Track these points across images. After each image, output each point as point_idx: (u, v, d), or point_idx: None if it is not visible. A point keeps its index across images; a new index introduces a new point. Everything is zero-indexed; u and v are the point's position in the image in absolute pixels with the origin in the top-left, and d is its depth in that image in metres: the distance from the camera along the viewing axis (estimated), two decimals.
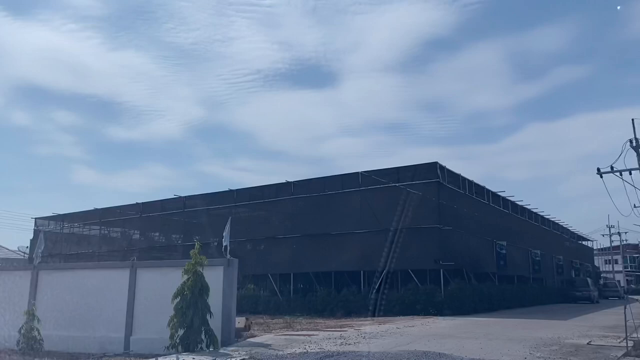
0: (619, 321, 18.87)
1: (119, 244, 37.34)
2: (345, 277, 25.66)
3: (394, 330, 14.00)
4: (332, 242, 25.51)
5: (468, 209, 26.45)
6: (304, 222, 26.76)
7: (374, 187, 24.81)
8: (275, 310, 25.28)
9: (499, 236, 29.04)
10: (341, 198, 26.17)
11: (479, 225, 27.20)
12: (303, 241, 26.42)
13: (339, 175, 26.47)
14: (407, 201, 24.26)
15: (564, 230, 45.72)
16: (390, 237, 23.88)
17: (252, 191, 29.55)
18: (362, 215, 25.16)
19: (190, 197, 32.28)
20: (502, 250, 28.63)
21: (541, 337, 11.83)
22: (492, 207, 29.75)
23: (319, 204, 26.47)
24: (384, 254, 24.02)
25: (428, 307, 21.87)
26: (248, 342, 11.68)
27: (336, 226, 25.61)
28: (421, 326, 15.77)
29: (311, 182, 27.24)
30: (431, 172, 23.40)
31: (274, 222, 28.53)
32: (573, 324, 16.76)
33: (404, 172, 24.38)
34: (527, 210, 35.74)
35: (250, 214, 30.07)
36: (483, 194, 28.68)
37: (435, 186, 23.21)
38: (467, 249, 25.47)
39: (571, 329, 14.29)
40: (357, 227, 24.94)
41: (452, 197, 24.62)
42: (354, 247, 24.82)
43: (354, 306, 23.47)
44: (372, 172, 25.08)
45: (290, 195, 27.55)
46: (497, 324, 16.33)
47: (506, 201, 31.93)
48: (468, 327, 14.92)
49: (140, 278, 13.11)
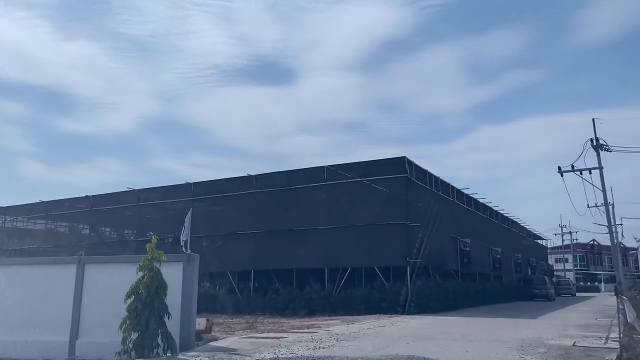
0: (588, 319, 18.80)
1: (67, 239, 35.12)
2: (308, 274, 24.73)
3: (366, 331, 13.16)
4: (295, 238, 24.53)
5: (434, 205, 25.99)
6: (265, 218, 25.65)
7: (340, 181, 23.97)
8: (234, 310, 24.11)
9: (462, 233, 28.78)
10: (306, 193, 25.22)
11: (444, 222, 26.80)
12: (264, 237, 25.31)
13: (303, 169, 25.50)
14: (374, 196, 23.59)
15: (521, 229, 46.32)
16: (356, 233, 23.15)
17: (211, 185, 28.17)
18: (327, 210, 24.30)
19: (144, 190, 30.57)
20: (465, 248, 28.38)
21: (522, 338, 11.24)
22: (456, 204, 29.48)
23: (282, 199, 25.43)
24: (349, 250, 23.27)
25: (394, 306, 21.22)
26: (210, 346, 10.57)
27: (300, 222, 24.64)
28: (392, 326, 15.02)
29: (274, 176, 26.16)
30: (399, 167, 22.75)
31: (234, 217, 27.28)
32: (545, 322, 16.41)
33: (371, 166, 23.65)
34: (488, 208, 35.79)
35: (208, 209, 28.67)
36: (448, 191, 28.33)
37: (403, 181, 22.58)
38: (433, 246, 24.98)
39: (547, 329, 13.84)
40: (321, 223, 24.06)
41: (419, 193, 24.09)
42: (318, 243, 23.92)
43: (318, 305, 22.59)
44: (338, 167, 24.24)
45: (252, 189, 26.37)
46: (470, 324, 15.78)
47: (469, 198, 31.77)
48: (442, 327, 14.28)
49: (88, 275, 11.75)
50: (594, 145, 31.78)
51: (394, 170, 22.88)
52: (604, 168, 31.60)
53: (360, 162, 24.23)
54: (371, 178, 23.39)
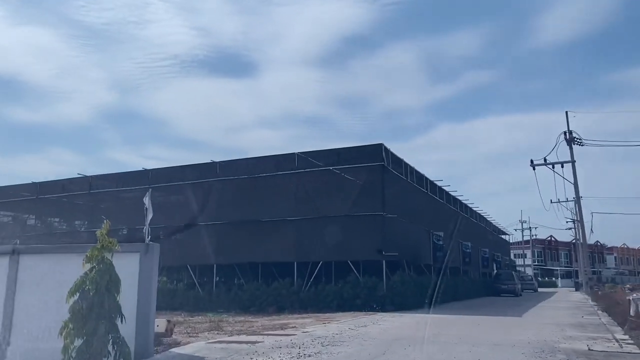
0: (573, 317, 17.95)
1: (11, 229, 32.21)
2: (276, 269, 23.12)
3: (349, 333, 11.70)
4: (262, 230, 22.85)
5: (409, 196, 24.81)
6: (230, 208, 23.85)
7: (312, 169, 22.42)
8: (194, 306, 22.32)
9: (435, 227, 27.76)
10: (274, 181, 23.55)
11: (418, 214, 25.69)
12: (228, 229, 23.52)
13: (272, 156, 23.77)
14: (348, 186, 22.19)
15: (487, 224, 46.00)
16: (328, 225, 21.68)
17: (171, 172, 26.11)
18: (297, 200, 22.71)
19: (97, 177, 28.22)
20: (438, 242, 27.38)
21: (527, 341, 10.03)
22: (430, 196, 28.42)
23: (247, 188, 23.67)
24: (320, 243, 21.80)
25: (369, 302, 19.89)
26: (172, 353, 8.85)
27: (267, 212, 22.96)
28: (374, 326, 13.62)
29: (239, 163, 24.34)
30: (375, 154, 21.38)
31: (196, 207, 25.30)
32: (534, 321, 15.37)
33: (344, 154, 22.20)
34: (458, 201, 35.00)
35: (168, 198, 26.63)
36: (422, 182, 27.21)
37: (379, 170, 21.22)
38: (408, 240, 23.82)
39: (543, 329, 12.75)
40: (291, 214, 22.46)
41: (395, 183, 22.80)
42: (287, 235, 22.33)
43: (287, 301, 21.03)
44: (308, 154, 22.66)
45: (215, 177, 24.49)
46: (458, 323, 14.55)
47: (441, 190, 30.81)
48: (430, 328, 12.97)
49: (24, 268, 9.75)
50: (566, 139, 31.42)
51: (369, 158, 21.49)
52: (576, 162, 31.31)
53: (332, 150, 22.75)
54: (345, 166, 21.95)
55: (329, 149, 22.87)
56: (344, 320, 15.34)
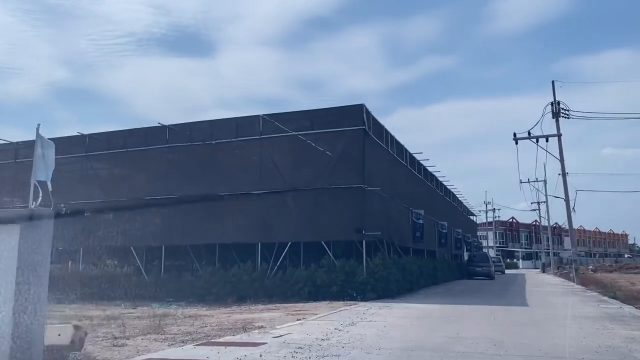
0: (586, 305, 15.45)
1: None
2: (237, 251, 19.79)
3: (337, 336, 8.58)
4: (220, 206, 19.44)
5: (390, 169, 21.84)
6: (182, 180, 20.29)
7: (279, 135, 19.05)
8: (139, 295, 18.75)
9: (414, 204, 24.97)
10: (234, 149, 20.09)
11: (399, 189, 22.78)
12: (180, 204, 19.94)
13: (231, 118, 20.23)
14: (323, 154, 18.97)
15: (459, 203, 43.87)
16: (298, 199, 18.48)
17: (111, 137, 22.19)
18: (262, 171, 19.33)
19: (24, 144, 23.92)
20: (418, 220, 24.61)
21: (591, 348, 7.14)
22: (409, 170, 25.55)
23: (203, 156, 20.12)
24: (289, 221, 18.60)
25: (346, 289, 16.87)
26: None
27: (226, 185, 19.51)
28: (364, 323, 10.56)
29: (193, 127, 20.69)
30: (355, 117, 18.19)
31: (141, 179, 21.64)
32: (553, 313, 12.69)
33: (318, 116, 18.92)
34: (435, 178, 32.39)
35: (108, 168, 22.76)
36: (402, 154, 24.28)
37: (359, 135, 18.04)
38: (389, 218, 20.88)
39: (581, 325, 10.03)
40: (254, 187, 19.09)
41: (376, 152, 19.72)
42: (250, 212, 19.00)
43: (249, 289, 17.78)
44: (276, 116, 19.26)
45: (164, 143, 20.79)
46: (467, 317, 11.67)
47: (420, 165, 28.02)
48: (440, 326, 10.04)
49: None
50: (553, 111, 29.10)
51: (347, 121, 18.30)
52: (562, 135, 29.08)
53: (304, 112, 19.48)
54: (319, 131, 18.69)
55: (299, 111, 19.64)
56: (323, 315, 12.23)
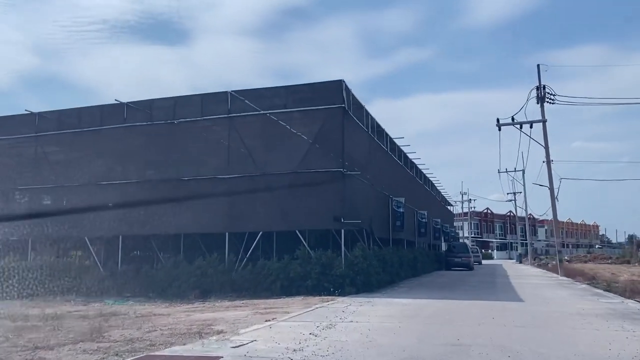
0: (583, 300, 14.25)
1: None
2: (202, 241, 18.04)
3: (312, 345, 7.00)
4: (184, 192, 17.61)
5: (370, 153, 20.29)
6: (142, 163, 18.42)
7: (250, 113, 17.29)
8: (94, 290, 16.91)
9: (394, 192, 23.51)
10: (200, 129, 18.29)
11: (379, 175, 21.27)
12: (139, 190, 18.08)
13: (197, 95, 18.32)
14: (298, 135, 17.32)
15: (438, 193, 42.74)
16: (270, 185, 16.82)
17: (64, 117, 20.07)
18: (230, 154, 17.59)
19: None
20: (399, 209, 23.18)
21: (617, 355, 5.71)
22: (390, 155, 24.06)
23: (165, 137, 18.23)
24: (260, 208, 16.93)
25: (323, 283, 15.30)
26: None
27: (191, 169, 17.77)
28: (345, 325, 9.00)
29: (155, 104, 18.74)
30: (333, 94, 16.52)
31: (97, 162, 19.61)
32: (553, 310, 11.32)
33: (293, 93, 17.19)
34: (415, 166, 31.01)
35: (60, 150, 20.63)
36: (382, 138, 22.76)
37: (338, 115, 16.38)
38: (368, 205, 19.36)
39: (596, 326, 8.65)
40: (222, 171, 17.36)
41: (356, 134, 18.12)
42: (218, 199, 17.26)
43: (215, 283, 16.08)
44: (246, 93, 17.48)
45: (122, 123, 18.81)
46: (461, 316, 10.17)
47: (401, 151, 26.58)
48: (435, 328, 8.55)
49: None
50: (538, 96, 27.95)
51: (325, 99, 16.64)
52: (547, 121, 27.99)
53: (277, 88, 17.67)
54: (294, 109, 16.99)
55: (272, 87, 17.87)
56: (296, 314, 10.63)
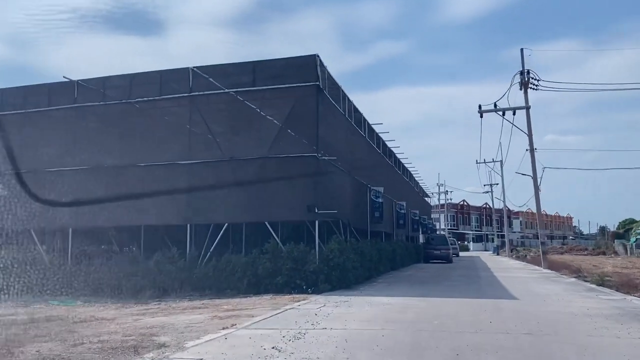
0: (581, 296, 13.06)
1: None
2: (167, 235, 16.33)
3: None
4: (141, 179, 15.88)
5: (346, 138, 18.78)
6: (94, 148, 16.52)
7: (215, 92, 15.60)
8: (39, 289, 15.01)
9: (372, 181, 22.08)
10: (159, 110, 16.48)
11: (356, 163, 19.80)
12: (91, 178, 16.24)
13: (155, 71, 16.48)
14: (268, 116, 15.72)
15: (416, 184, 41.55)
16: (237, 171, 15.19)
17: (7, 95, 18.01)
18: (192, 137, 15.89)
19: None
20: (377, 199, 21.76)
21: None
22: (368, 142, 22.58)
23: (121, 119, 16.45)
24: (225, 198, 15.30)
25: (295, 280, 13.78)
26: None
27: (149, 154, 15.97)
28: (314, 331, 7.51)
29: (109, 82, 16.84)
30: (307, 71, 14.92)
31: (44, 147, 17.63)
32: (555, 311, 9.99)
33: (262, 70, 15.50)
34: (393, 154, 29.64)
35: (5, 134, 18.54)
36: (361, 124, 21.26)
37: (312, 93, 14.79)
38: (345, 195, 17.88)
39: (619, 332, 7.30)
40: (184, 156, 15.64)
41: (331, 116, 16.57)
42: (178, 186, 15.54)
43: (175, 280, 14.40)
44: (210, 69, 15.75)
45: (72, 103, 16.90)
46: (457, 320, 8.71)
47: (379, 139, 25.14)
48: (419, 333, 7.15)
49: None
50: (521, 82, 26.81)
51: (298, 76, 15.03)
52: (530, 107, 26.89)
53: (245, 64, 15.94)
54: (263, 87, 15.33)
55: (239, 63, 16.11)
56: (261, 318, 9.07)
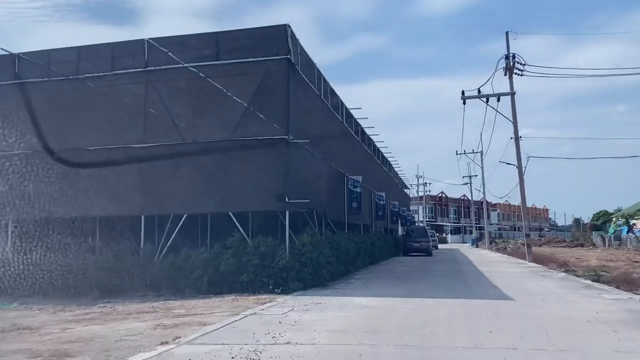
0: (579, 294, 11.77)
1: None
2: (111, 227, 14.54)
3: None
4: (89, 165, 14.07)
5: (321, 122, 17.19)
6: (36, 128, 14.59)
7: (173, 66, 13.83)
8: None
9: (350, 169, 20.57)
10: (111, 87, 14.66)
11: (332, 149, 18.26)
12: (33, 163, 14.34)
13: (107, 44, 14.55)
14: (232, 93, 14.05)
15: (395, 174, 40.24)
16: (198, 156, 13.52)
17: None
18: (148, 117, 14.11)
19: None
20: (356, 189, 20.26)
21: None
22: (346, 127, 21.02)
23: (67, 96, 14.58)
24: (184, 186, 13.62)
25: (261, 278, 12.22)
26: None
27: (99, 136, 14.14)
28: (275, 348, 5.98)
29: (54, 55, 14.89)
30: (276, 44, 13.25)
31: None
32: (557, 315, 8.60)
33: (226, 42, 13.77)
34: (372, 143, 28.17)
35: None
36: (338, 108, 19.69)
37: (283, 68, 13.12)
38: (320, 183, 16.33)
39: None
40: (137, 139, 13.88)
41: (304, 95, 14.94)
42: (132, 174, 13.83)
43: (126, 278, 12.69)
44: (168, 42, 13.95)
45: (13, 79, 14.95)
46: (442, 329, 7.22)
47: (358, 125, 23.62)
48: (406, 350, 5.62)
49: None
50: (506, 67, 25.55)
51: (266, 49, 13.36)
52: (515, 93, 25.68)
53: (207, 34, 14.20)
54: (226, 61, 13.62)
55: (200, 33, 14.35)
56: (214, 328, 7.49)
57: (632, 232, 43.94)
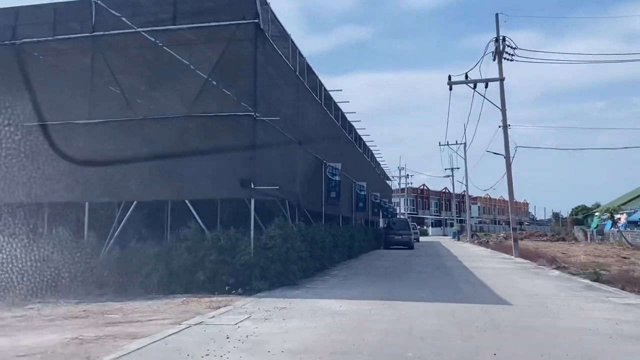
0: (582, 297, 10.31)
1: None
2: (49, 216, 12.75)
3: None
4: (26, 144, 12.21)
5: (297, 101, 15.50)
6: None
7: (123, 31, 12.01)
8: None
9: (328, 156, 18.95)
10: (51, 54, 12.80)
11: (308, 133, 16.60)
12: None
13: (48, 4, 12.62)
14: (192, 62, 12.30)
15: (377, 165, 38.76)
16: (151, 135, 11.77)
17: None
18: (94, 89, 12.27)
19: None
20: (334, 177, 18.67)
21: None
22: (324, 110, 19.35)
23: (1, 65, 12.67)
24: (136, 169, 11.86)
25: (221, 275, 10.57)
26: None
27: (37, 111, 12.26)
28: None
29: None
30: (243, 6, 11.53)
31: None
32: (575, 327, 7.10)
33: (185, 4, 12.01)
34: (354, 129, 26.56)
35: None
36: (316, 89, 18.01)
37: (250, 35, 11.38)
38: (293, 168, 14.66)
39: None
40: (82, 114, 12.06)
41: (275, 67, 13.23)
42: (75, 154, 12.00)
43: (64, 274, 10.93)
44: (120, 3, 12.13)
45: None
46: (431, 347, 5.67)
47: (338, 109, 21.97)
48: None
49: None
50: (495, 51, 24.11)
51: (230, 13, 11.62)
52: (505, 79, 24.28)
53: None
54: (186, 26, 11.84)
55: None
56: (143, 343, 5.84)
57: (616, 226, 43.16)
